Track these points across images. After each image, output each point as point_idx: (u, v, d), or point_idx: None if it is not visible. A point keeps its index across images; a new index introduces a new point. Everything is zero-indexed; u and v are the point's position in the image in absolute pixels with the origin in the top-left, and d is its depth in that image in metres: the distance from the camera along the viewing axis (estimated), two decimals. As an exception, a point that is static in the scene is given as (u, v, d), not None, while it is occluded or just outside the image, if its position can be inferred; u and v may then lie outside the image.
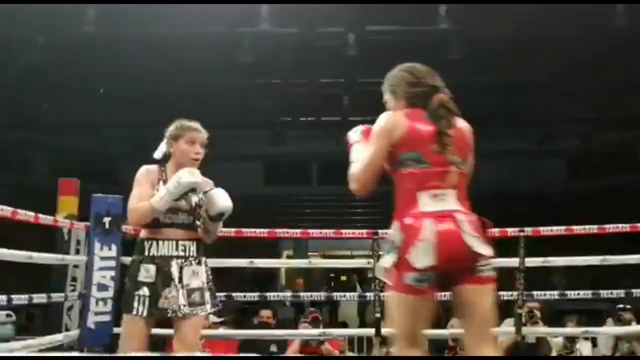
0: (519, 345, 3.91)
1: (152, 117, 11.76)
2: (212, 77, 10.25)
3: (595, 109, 11.58)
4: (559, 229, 3.81)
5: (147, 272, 2.37)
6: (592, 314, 6.77)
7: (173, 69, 9.87)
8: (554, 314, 6.20)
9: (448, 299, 1.96)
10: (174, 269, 2.37)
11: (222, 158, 2.23)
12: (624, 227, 3.76)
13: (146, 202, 2.36)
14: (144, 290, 2.35)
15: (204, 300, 2.40)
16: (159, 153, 2.51)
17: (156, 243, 2.40)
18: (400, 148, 1.89)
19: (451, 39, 9.24)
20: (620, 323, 4.67)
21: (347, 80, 11.06)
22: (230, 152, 11.37)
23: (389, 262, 1.85)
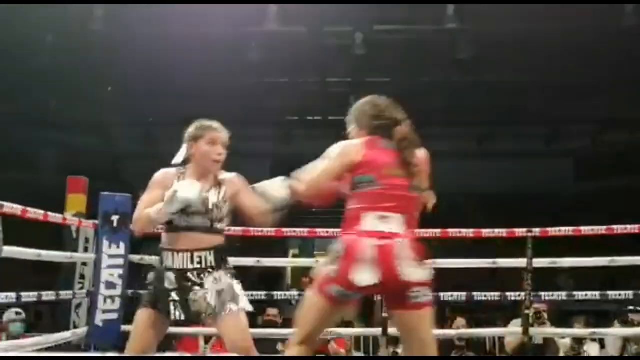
0: (526, 346, 3.90)
1: (160, 116, 11.87)
2: (219, 76, 10.26)
3: (605, 109, 11.51)
4: (567, 230, 3.79)
5: (170, 280, 2.29)
6: (600, 315, 6.74)
7: (181, 68, 9.89)
8: (561, 315, 6.17)
9: (450, 299, 1.97)
10: (193, 277, 2.29)
11: (229, 156, 2.26)
12: (633, 228, 3.73)
13: (147, 211, 2.29)
14: (174, 296, 2.27)
15: (236, 297, 2.31)
16: (179, 158, 2.40)
17: (171, 255, 2.30)
18: (356, 172, 2.02)
19: (459, 39, 9.20)
20: (628, 325, 4.65)
21: (355, 79, 11.03)
22: (237, 151, 11.34)
23: (328, 270, 1.96)
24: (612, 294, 3.86)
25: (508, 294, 3.85)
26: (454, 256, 4.03)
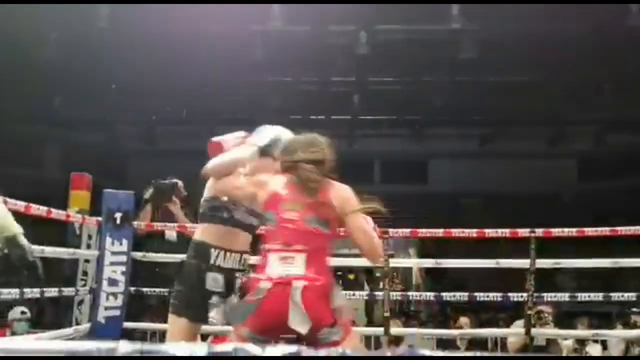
0: (528, 347, 3.89)
1: (164, 114, 11.88)
2: (223, 75, 10.27)
3: (608, 110, 11.48)
4: (570, 231, 3.78)
5: (216, 282, 2.23)
6: (602, 317, 6.72)
7: (185, 66, 9.90)
8: (563, 316, 6.17)
9: (453, 299, 1.95)
10: (236, 282, 2.27)
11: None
12: (637, 229, 3.72)
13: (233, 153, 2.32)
14: (216, 299, 2.21)
15: None
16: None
17: (223, 254, 2.25)
18: (265, 207, 2.02)
19: (463, 39, 9.18)
20: (630, 326, 4.64)
21: (358, 79, 11.03)
22: (240, 150, 11.36)
23: (243, 316, 1.91)
24: (615, 295, 3.85)
25: (510, 294, 3.84)
26: (456, 256, 4.02)
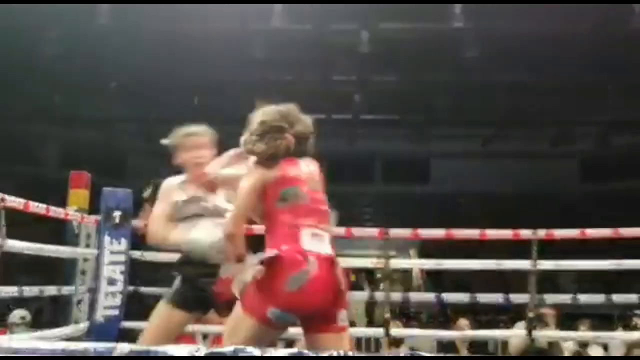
0: (530, 349, 3.86)
1: (164, 112, 11.86)
2: (224, 73, 10.25)
3: (610, 111, 11.45)
4: (573, 232, 3.75)
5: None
6: (603, 319, 6.69)
7: (185, 64, 9.88)
8: (564, 318, 6.13)
9: (451, 301, 1.93)
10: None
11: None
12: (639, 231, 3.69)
13: (164, 234, 2.37)
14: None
15: None
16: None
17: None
18: (281, 184, 1.95)
19: (466, 38, 9.16)
20: (631, 329, 4.61)
21: (360, 78, 11.01)
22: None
23: (257, 288, 1.81)
24: (617, 297, 3.82)
25: (512, 296, 3.81)
26: (458, 257, 3.99)
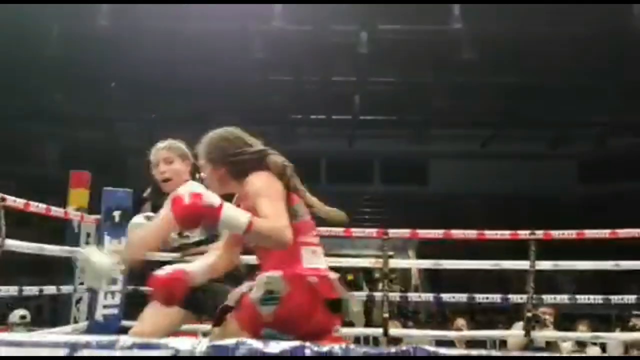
0: (528, 349, 3.88)
1: (164, 112, 11.86)
2: (224, 73, 10.26)
3: (609, 112, 11.47)
4: (571, 233, 3.77)
5: None
6: (601, 319, 6.71)
7: (186, 64, 9.90)
8: (562, 318, 6.15)
9: (451, 301, 1.93)
10: None
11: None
12: (637, 232, 3.71)
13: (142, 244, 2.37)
14: None
15: None
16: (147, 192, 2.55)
17: None
18: (289, 202, 1.87)
19: (464, 39, 9.18)
20: (629, 329, 4.62)
21: (359, 78, 11.03)
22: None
23: (269, 310, 1.73)
24: (615, 298, 3.84)
25: (510, 296, 3.83)
26: (457, 258, 4.01)
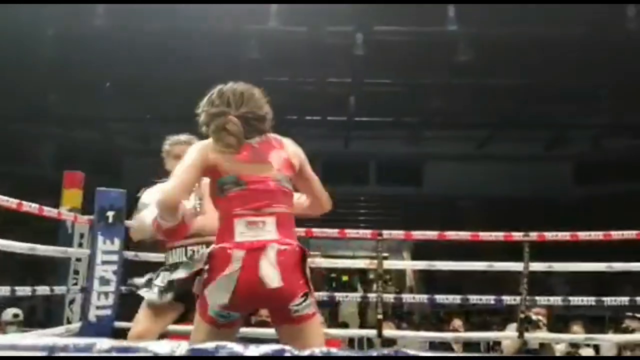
0: (521, 351, 3.88)
1: (159, 113, 11.83)
2: (219, 74, 10.22)
3: (605, 114, 11.51)
4: (564, 235, 3.78)
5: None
6: (595, 321, 6.72)
7: (181, 64, 9.87)
8: (556, 320, 6.17)
9: (447, 302, 1.93)
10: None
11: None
12: (630, 234, 3.72)
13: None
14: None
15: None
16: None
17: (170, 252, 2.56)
18: (219, 174, 1.81)
19: (460, 41, 9.19)
20: (622, 331, 4.63)
21: (354, 80, 11.03)
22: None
23: (198, 288, 1.78)
24: (608, 299, 3.85)
25: (504, 297, 3.83)
26: (452, 259, 4.01)
